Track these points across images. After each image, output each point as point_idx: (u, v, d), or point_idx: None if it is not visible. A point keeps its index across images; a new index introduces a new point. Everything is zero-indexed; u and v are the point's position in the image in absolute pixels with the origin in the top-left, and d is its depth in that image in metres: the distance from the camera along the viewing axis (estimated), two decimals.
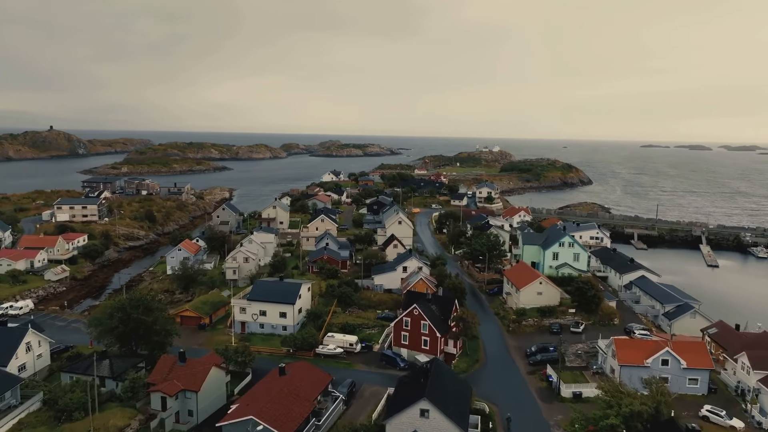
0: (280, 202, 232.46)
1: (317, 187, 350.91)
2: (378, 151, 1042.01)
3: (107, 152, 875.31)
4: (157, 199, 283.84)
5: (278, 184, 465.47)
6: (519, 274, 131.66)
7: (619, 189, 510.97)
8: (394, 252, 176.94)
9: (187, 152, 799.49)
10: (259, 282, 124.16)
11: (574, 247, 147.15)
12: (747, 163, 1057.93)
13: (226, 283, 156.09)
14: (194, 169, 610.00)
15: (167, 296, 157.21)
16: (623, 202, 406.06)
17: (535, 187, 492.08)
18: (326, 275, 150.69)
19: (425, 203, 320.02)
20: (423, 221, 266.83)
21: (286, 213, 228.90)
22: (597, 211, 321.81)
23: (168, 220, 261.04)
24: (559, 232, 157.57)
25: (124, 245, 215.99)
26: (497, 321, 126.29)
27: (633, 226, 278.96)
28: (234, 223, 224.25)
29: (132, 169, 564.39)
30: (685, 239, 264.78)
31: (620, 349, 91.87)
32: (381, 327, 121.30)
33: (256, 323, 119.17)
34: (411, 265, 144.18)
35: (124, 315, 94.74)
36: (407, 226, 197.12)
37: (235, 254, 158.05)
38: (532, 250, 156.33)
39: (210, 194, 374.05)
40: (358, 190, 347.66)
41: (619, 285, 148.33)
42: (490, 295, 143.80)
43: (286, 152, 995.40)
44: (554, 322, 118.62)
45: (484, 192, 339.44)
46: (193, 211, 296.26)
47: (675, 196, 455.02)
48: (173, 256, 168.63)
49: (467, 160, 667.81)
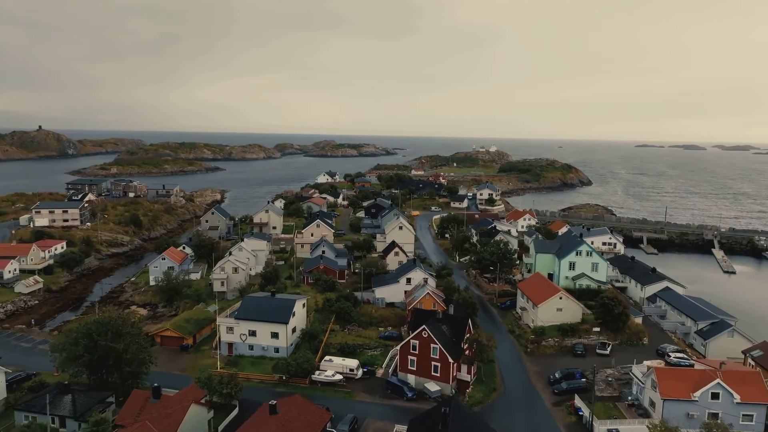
0: (272, 206, 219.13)
1: (312, 189, 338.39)
2: (373, 151, 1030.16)
3: (98, 152, 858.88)
4: (143, 202, 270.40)
5: (271, 186, 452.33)
6: (535, 288, 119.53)
7: (620, 190, 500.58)
8: (395, 260, 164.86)
9: (179, 152, 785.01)
10: (247, 298, 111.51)
11: (592, 256, 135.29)
12: (744, 163, 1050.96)
13: (213, 296, 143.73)
14: (186, 170, 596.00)
15: (150, 310, 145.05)
16: (626, 204, 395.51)
17: (535, 188, 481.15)
18: (322, 287, 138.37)
19: (424, 205, 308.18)
20: (423, 225, 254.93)
21: (280, 217, 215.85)
22: (602, 214, 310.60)
23: (155, 225, 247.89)
24: (574, 239, 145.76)
25: (106, 252, 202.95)
26: (512, 340, 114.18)
27: (641, 230, 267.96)
28: (224, 228, 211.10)
29: (122, 169, 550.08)
30: (696, 243, 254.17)
31: (662, 379, 79.95)
32: (384, 348, 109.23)
33: (245, 344, 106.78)
34: (415, 277, 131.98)
35: (90, 342, 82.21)
36: (408, 232, 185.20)
37: (223, 264, 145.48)
38: (546, 259, 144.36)
39: (201, 196, 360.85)
40: (355, 192, 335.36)
41: (641, 297, 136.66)
42: (502, 309, 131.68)
43: (280, 152, 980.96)
44: (577, 343, 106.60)
45: (485, 194, 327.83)
46: (182, 214, 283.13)
47: (678, 198, 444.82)
48: (156, 266, 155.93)
49: (464, 160, 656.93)
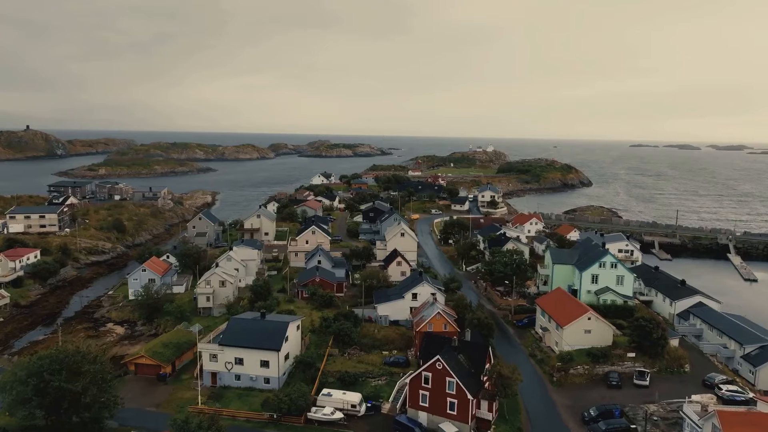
0: (264, 211, 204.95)
1: (306, 191, 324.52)
2: (368, 151, 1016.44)
3: (88, 153, 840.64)
4: (128, 206, 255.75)
5: (264, 187, 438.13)
6: (559, 306, 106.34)
7: (622, 191, 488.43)
8: (397, 270, 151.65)
9: (171, 153, 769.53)
10: (234, 320, 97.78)
11: (617, 268, 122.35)
12: (742, 163, 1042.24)
13: (198, 313, 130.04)
14: (176, 171, 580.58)
15: (127, 328, 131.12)
16: (630, 206, 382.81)
17: (535, 188, 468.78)
18: (319, 303, 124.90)
19: (424, 208, 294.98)
20: (424, 229, 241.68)
21: (272, 223, 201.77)
22: (610, 217, 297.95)
23: (140, 230, 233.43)
24: (595, 248, 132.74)
25: (85, 261, 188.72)
26: (534, 366, 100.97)
27: (652, 234, 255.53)
28: (212, 234, 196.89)
29: (110, 170, 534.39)
30: (709, 248, 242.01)
31: (728, 426, 66.93)
32: (390, 376, 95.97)
33: (231, 374, 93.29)
34: (422, 292, 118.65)
35: (41, 382, 68.48)
36: (411, 239, 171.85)
37: (208, 277, 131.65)
38: (564, 270, 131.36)
39: (190, 198, 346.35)
40: (351, 194, 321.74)
41: (670, 314, 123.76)
42: (519, 327, 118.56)
43: (274, 152, 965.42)
44: (611, 371, 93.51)
45: (486, 196, 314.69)
46: (169, 218, 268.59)
47: (683, 200, 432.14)
48: (136, 278, 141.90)
49: (461, 160, 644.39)
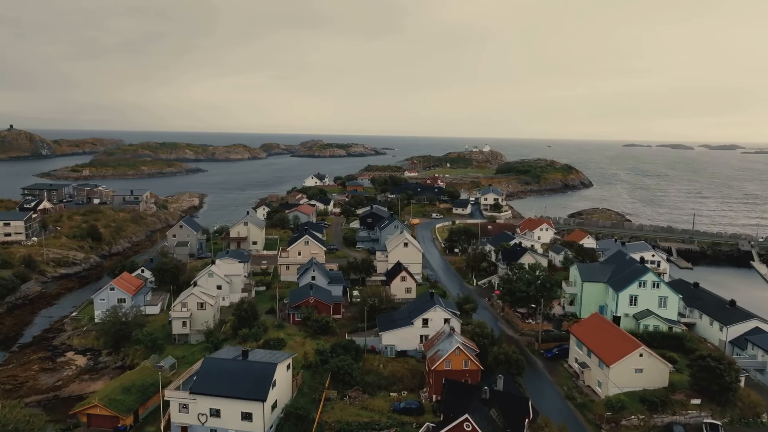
0: (253, 217, 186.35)
1: (299, 194, 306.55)
2: (362, 151, 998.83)
3: (74, 153, 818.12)
4: (106, 211, 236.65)
5: (255, 189, 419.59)
6: (601, 337, 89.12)
7: (625, 193, 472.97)
8: (401, 287, 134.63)
9: (160, 153, 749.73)
10: (209, 362, 79.89)
11: (659, 288, 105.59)
12: (739, 163, 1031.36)
13: (173, 340, 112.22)
14: (164, 172, 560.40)
15: (90, 358, 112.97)
16: (636, 209, 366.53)
17: (536, 190, 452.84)
18: (313, 329, 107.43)
19: (424, 212, 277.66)
20: (426, 236, 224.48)
21: (261, 231, 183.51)
22: (621, 222, 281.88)
23: (117, 237, 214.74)
24: (631, 263, 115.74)
25: (53, 274, 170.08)
26: (574, 411, 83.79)
27: (668, 239, 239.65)
28: (195, 243, 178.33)
29: (95, 171, 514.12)
30: (730, 255, 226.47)
31: None
32: (400, 426, 78.75)
33: (205, 428, 75.72)
34: (435, 318, 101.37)
35: None
36: (415, 250, 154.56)
37: (185, 298, 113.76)
38: (595, 290, 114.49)
39: (176, 201, 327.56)
40: (347, 197, 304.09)
41: (720, 341, 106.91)
42: (548, 359, 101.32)
43: (266, 153, 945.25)
44: (674, 423, 76.51)
45: (489, 198, 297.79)
46: (151, 224, 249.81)
47: (690, 201, 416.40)
48: (103, 298, 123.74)
49: (458, 160, 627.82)
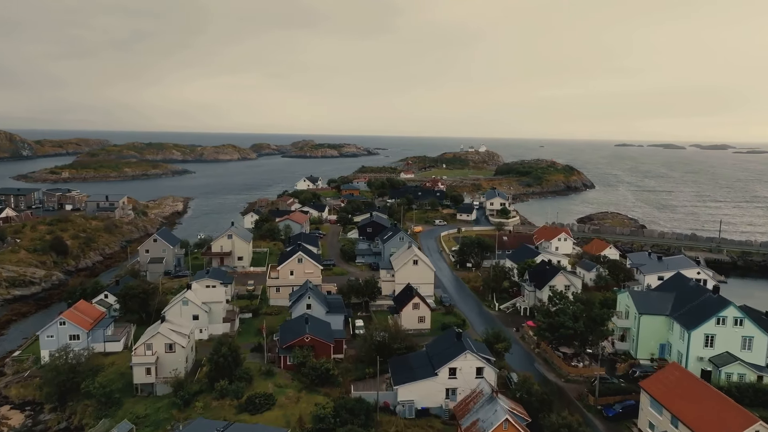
0: (238, 229, 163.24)
1: (291, 199, 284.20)
2: (354, 151, 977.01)
3: (57, 154, 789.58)
4: (76, 219, 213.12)
5: (244, 193, 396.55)
6: (690, 402, 67.64)
7: (631, 195, 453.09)
8: (413, 316, 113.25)
9: (146, 154, 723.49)
10: None
11: (742, 326, 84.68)
12: (737, 163, 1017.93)
13: (134, 392, 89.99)
14: (149, 174, 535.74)
15: (29, 416, 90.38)
16: (649, 214, 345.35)
17: (538, 192, 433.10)
18: (310, 379, 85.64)
19: (426, 218, 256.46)
20: (431, 246, 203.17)
21: (248, 244, 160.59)
22: (639, 229, 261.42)
23: (87, 250, 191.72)
24: (701, 292, 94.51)
25: (6, 296, 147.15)
26: None
27: (693, 248, 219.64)
28: (171, 259, 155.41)
29: (75, 173, 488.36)
30: (763, 266, 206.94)
31: None
32: None
33: None
34: (465, 367, 79.84)
35: None
36: (426, 268, 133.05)
37: (150, 338, 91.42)
38: (655, 324, 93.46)
39: (158, 206, 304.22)
40: (342, 202, 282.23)
41: None
42: (610, 419, 79.95)
43: (256, 153, 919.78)
44: None
45: (496, 203, 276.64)
46: (127, 233, 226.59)
47: (702, 206, 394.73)
48: (52, 335, 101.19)
49: (453, 161, 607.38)
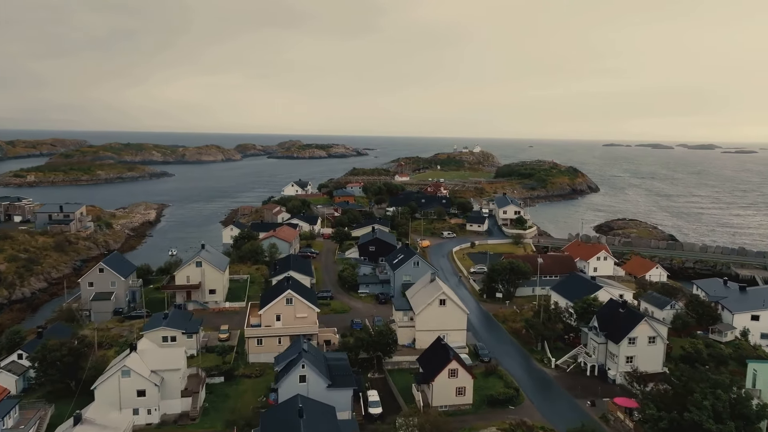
0: (210, 254, 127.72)
1: (277, 206, 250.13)
2: (343, 152, 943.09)
3: (31, 155, 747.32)
4: (18, 236, 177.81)
5: (226, 198, 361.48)
6: None
7: (642, 200, 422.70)
8: (449, 387, 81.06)
9: (124, 155, 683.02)
10: None
11: None
12: (733, 163, 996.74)
13: None
14: (124, 177, 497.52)
15: None
16: (667, 221, 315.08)
17: (543, 196, 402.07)
18: None
19: (433, 229, 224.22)
20: (444, 265, 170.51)
21: (222, 274, 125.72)
22: (676, 242, 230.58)
23: (28, 275, 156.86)
24: None
25: None
26: None
27: (745, 265, 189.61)
28: (123, 294, 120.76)
29: (43, 177, 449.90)
30: None
31: None
32: None
33: None
34: None
35: None
36: (457, 310, 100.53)
37: None
38: None
39: (127, 216, 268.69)
40: (336, 210, 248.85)
41: None
42: None
43: (241, 154, 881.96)
44: None
45: (509, 211, 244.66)
46: (84, 250, 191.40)
47: (726, 212, 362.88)
48: None
49: (448, 162, 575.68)
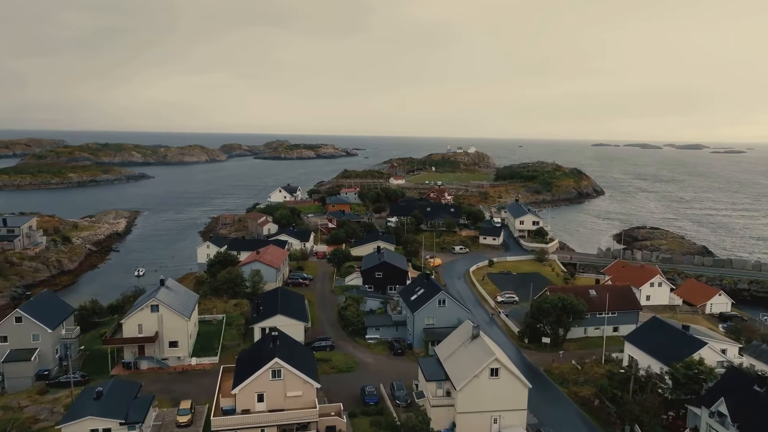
0: (170, 292, 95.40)
1: (262, 216, 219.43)
2: (332, 152, 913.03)
3: (3, 155, 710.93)
4: None
5: (206, 204, 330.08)
6: None
7: (654, 205, 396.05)
8: None
9: (101, 156, 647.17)
10: None
11: None
12: (730, 164, 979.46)
13: None
14: (99, 179, 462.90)
15: None
16: (691, 229, 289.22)
17: (549, 200, 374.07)
18: None
19: (442, 243, 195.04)
20: (463, 291, 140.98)
21: (185, 321, 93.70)
22: (703, 254, 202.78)
23: None
24: None
25: None
26: None
27: None
28: (51, 349, 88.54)
29: (8, 180, 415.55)
30: None
31: None
32: None
33: None
34: None
35: None
36: (515, 382, 70.65)
37: None
38: None
39: (92, 227, 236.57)
40: (330, 221, 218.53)
41: None
42: None
43: (226, 154, 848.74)
44: None
45: (527, 222, 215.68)
46: (29, 272, 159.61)
47: (751, 221, 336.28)
48: None
49: (442, 163, 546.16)
